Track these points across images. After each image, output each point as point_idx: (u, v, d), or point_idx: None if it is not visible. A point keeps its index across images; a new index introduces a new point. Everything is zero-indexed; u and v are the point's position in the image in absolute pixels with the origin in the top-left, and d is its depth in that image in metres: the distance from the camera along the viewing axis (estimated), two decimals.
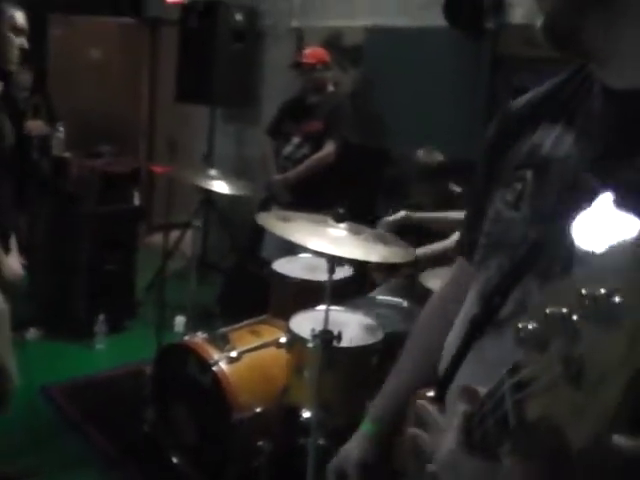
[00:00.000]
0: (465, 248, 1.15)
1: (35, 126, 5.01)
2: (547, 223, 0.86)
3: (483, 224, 1.03)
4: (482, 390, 0.73)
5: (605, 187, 0.65)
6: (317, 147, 4.27)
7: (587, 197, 0.64)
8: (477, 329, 0.97)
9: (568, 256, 0.59)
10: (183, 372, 2.82)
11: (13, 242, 2.94)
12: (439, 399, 1.03)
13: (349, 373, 2.43)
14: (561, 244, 0.70)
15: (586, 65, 0.94)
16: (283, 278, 3.02)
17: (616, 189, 0.63)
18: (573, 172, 0.86)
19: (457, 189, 3.14)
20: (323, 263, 2.26)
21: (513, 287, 0.91)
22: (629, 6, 0.81)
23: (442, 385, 1.04)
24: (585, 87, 0.93)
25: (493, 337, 0.94)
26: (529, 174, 0.94)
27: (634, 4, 0.81)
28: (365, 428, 1.29)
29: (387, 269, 2.95)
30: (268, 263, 3.29)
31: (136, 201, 4.63)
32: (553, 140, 0.93)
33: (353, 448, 1.28)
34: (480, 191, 1.08)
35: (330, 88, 4.46)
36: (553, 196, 0.89)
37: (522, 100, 1.06)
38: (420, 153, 3.27)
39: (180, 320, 4.31)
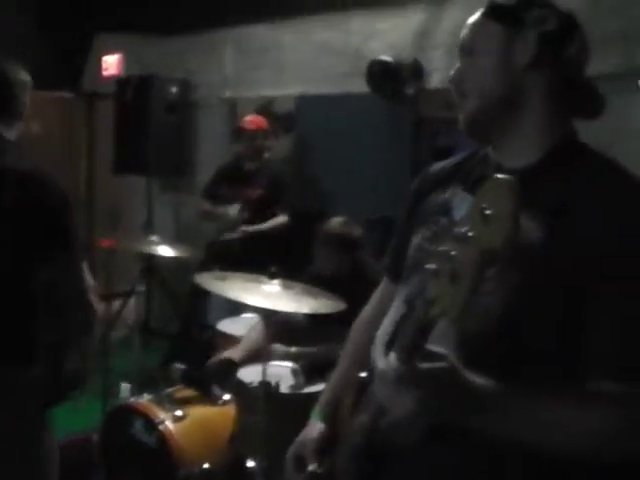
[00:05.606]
0: (392, 271, 1.50)
1: None
2: None
3: (407, 252, 1.36)
4: None
5: None
6: (257, 212, 4.45)
7: None
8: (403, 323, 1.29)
9: None
10: (130, 434, 2.85)
11: None
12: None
13: (289, 421, 2.52)
14: None
15: (483, 148, 1.32)
16: (227, 337, 3.13)
17: None
18: None
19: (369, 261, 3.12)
20: None
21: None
22: (522, 116, 1.21)
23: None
24: (483, 163, 1.30)
25: None
26: (443, 219, 1.28)
27: (525, 115, 1.21)
28: (315, 416, 1.59)
29: None
30: (211, 327, 3.37)
31: None
32: (458, 199, 1.29)
33: (307, 434, 1.56)
34: (404, 228, 1.43)
35: (266, 155, 4.64)
36: None
37: (438, 166, 1.44)
38: (334, 222, 3.15)
39: (125, 387, 4.31)
